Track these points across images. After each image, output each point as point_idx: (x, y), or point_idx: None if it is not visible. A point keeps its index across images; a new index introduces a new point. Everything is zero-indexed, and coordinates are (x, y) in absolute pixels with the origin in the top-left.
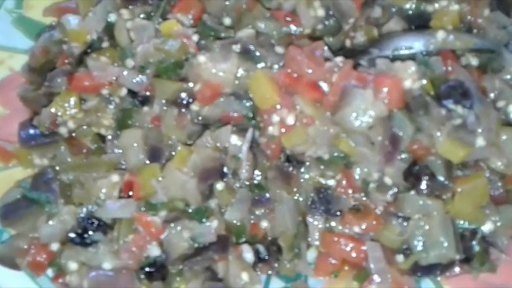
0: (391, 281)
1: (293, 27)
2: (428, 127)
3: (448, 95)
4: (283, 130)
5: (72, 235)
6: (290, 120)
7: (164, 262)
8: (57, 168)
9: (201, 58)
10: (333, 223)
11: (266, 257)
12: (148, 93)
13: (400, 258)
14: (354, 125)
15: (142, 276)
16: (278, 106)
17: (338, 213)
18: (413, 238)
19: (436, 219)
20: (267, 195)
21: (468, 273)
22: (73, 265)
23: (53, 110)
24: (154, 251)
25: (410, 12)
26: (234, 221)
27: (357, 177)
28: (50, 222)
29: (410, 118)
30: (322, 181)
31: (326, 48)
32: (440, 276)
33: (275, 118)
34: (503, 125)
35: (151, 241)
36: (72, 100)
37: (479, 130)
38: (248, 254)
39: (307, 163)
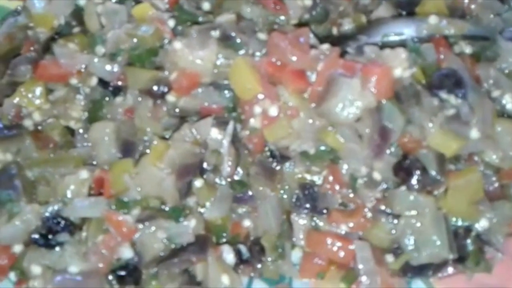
0: (380, 283)
1: (279, 16)
2: (419, 118)
3: (440, 84)
4: (265, 122)
5: (35, 236)
6: (273, 111)
7: (137, 264)
8: (21, 163)
9: (177, 45)
10: (319, 222)
11: (248, 258)
12: (120, 83)
13: (390, 258)
14: (340, 117)
15: (113, 280)
16: (261, 97)
17: (325, 211)
18: (404, 237)
19: (428, 216)
20: (250, 192)
21: (462, 274)
22: (36, 269)
23: (16, 100)
24: (126, 253)
25: None
26: (214, 220)
27: (344, 172)
28: (12, 222)
29: (400, 109)
30: (308, 177)
31: (311, 35)
32: (432, 276)
33: (257, 109)
34: (499, 116)
35: (122, 242)
36: (38, 90)
37: (473, 121)
38: (229, 255)
39: (292, 158)
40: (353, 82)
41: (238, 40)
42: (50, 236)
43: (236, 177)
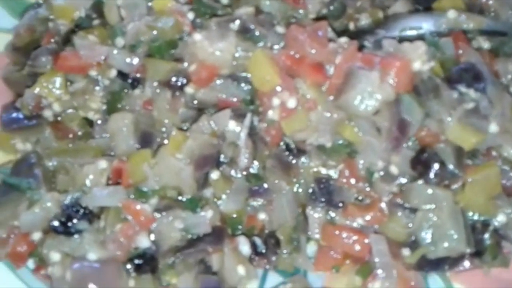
0: (396, 276)
1: (298, 10)
2: (438, 112)
3: (459, 78)
4: (283, 114)
5: (55, 223)
6: (291, 103)
7: (154, 254)
8: (41, 153)
9: (197, 37)
10: (334, 215)
11: (264, 251)
12: (139, 75)
13: (406, 251)
14: (358, 110)
15: (130, 269)
16: (279, 89)
17: (340, 204)
18: (421, 230)
19: (445, 210)
20: (265, 185)
21: (478, 268)
22: (55, 256)
23: (36, 91)
24: (144, 242)
25: None
26: (230, 213)
27: (360, 166)
28: (32, 210)
29: (419, 102)
30: (323, 171)
31: (329, 28)
32: (449, 271)
33: (275, 101)
34: None
35: (140, 231)
36: (58, 81)
37: (493, 115)
38: (245, 247)
39: (308, 152)
40: (372, 74)
41: (257, 33)
42: (69, 224)
43: (252, 170)
